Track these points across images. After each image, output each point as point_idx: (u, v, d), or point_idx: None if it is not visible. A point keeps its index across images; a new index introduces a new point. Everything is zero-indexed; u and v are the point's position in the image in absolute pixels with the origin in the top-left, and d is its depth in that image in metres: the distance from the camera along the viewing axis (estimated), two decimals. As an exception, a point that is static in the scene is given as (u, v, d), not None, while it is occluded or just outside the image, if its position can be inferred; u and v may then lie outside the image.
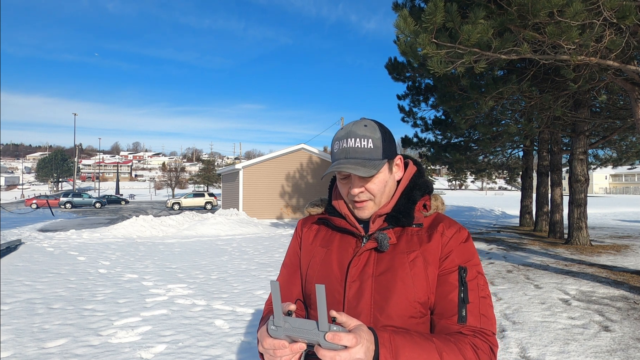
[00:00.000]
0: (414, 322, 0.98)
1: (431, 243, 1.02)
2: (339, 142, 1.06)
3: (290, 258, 1.21)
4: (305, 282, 1.13)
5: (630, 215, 24.19)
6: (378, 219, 1.07)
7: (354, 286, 1.02)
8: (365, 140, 1.03)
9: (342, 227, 1.09)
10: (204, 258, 8.98)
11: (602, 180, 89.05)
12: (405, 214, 1.05)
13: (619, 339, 4.00)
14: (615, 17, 4.86)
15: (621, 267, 7.60)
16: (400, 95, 13.22)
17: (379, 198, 1.05)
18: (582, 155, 10.60)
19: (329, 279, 1.06)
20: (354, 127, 1.05)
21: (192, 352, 3.64)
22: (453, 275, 0.99)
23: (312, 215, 1.23)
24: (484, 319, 0.95)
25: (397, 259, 1.01)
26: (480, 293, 0.98)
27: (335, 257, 1.08)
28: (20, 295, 5.62)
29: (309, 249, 1.15)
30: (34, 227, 16.01)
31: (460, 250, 1.02)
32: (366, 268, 1.03)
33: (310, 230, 1.19)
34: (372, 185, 1.04)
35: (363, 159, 1.02)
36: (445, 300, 0.98)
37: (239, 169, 21.17)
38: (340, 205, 1.12)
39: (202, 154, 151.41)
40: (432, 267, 1.00)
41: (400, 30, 5.48)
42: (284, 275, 1.20)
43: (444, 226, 1.05)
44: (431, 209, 1.10)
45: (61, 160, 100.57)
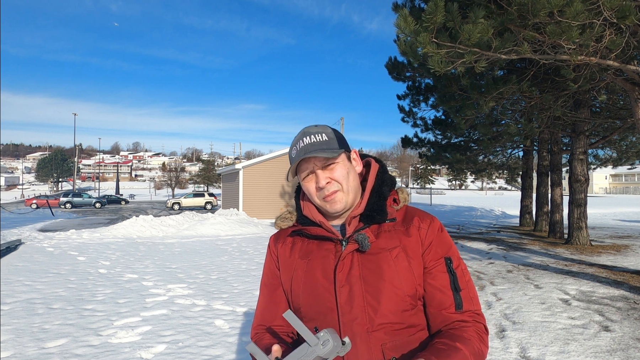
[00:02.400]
0: (407, 314, 1.02)
1: (410, 238, 1.05)
2: (296, 146, 1.09)
3: (269, 277, 1.20)
4: (291, 297, 1.11)
5: (630, 215, 24.19)
6: (353, 220, 1.08)
7: (343, 291, 1.02)
8: (319, 135, 1.07)
9: (319, 234, 1.09)
10: (204, 258, 8.98)
11: (602, 180, 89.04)
12: (379, 211, 1.07)
13: (619, 339, 4.00)
14: (615, 17, 4.86)
15: (621, 267, 7.60)
16: (400, 95, 13.22)
17: (346, 186, 1.06)
18: (582, 155, 10.60)
19: (316, 288, 1.05)
20: (307, 129, 1.10)
21: (192, 352, 3.64)
22: (441, 267, 1.04)
23: (284, 230, 1.20)
24: (475, 301, 1.05)
25: (380, 257, 1.03)
26: (466, 277, 1.06)
27: (318, 266, 1.07)
28: (20, 295, 5.62)
29: (288, 264, 1.13)
30: (34, 227, 16.01)
31: (439, 240, 1.07)
32: (352, 271, 1.03)
33: (285, 245, 1.16)
34: (336, 173, 1.06)
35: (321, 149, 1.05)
36: (440, 292, 1.03)
37: (239, 169, 21.17)
38: (312, 212, 1.12)
39: (202, 154, 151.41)
40: (415, 260, 1.04)
41: (400, 30, 5.48)
42: (265, 295, 1.19)
43: (418, 220, 1.08)
44: (400, 203, 1.12)
45: (61, 160, 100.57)
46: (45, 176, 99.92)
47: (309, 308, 1.06)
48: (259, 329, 1.16)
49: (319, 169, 1.06)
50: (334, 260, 1.05)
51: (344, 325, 1.01)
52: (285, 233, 1.19)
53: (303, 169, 1.08)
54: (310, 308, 1.06)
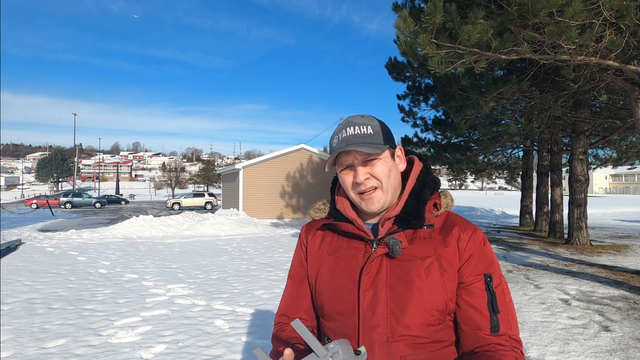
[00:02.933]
0: (433, 329, 0.96)
1: (447, 248, 0.98)
2: (337, 135, 1.03)
3: (296, 269, 1.16)
4: (315, 293, 1.08)
5: (630, 215, 24.19)
6: (387, 222, 1.02)
7: (367, 295, 0.97)
8: (364, 127, 1.01)
9: (350, 232, 1.04)
10: (204, 258, 8.98)
11: (602, 180, 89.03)
12: (416, 216, 1.00)
13: (619, 339, 4.00)
14: (615, 17, 4.86)
15: (621, 267, 7.60)
16: (400, 95, 13.22)
17: (385, 185, 1.00)
18: (582, 155, 10.60)
19: (340, 288, 1.01)
20: (351, 118, 1.04)
21: (192, 352, 3.64)
22: (479, 284, 0.96)
23: (316, 221, 1.17)
24: (513, 324, 0.96)
25: (411, 265, 0.97)
26: (506, 298, 0.97)
27: (344, 264, 1.03)
28: (20, 295, 5.62)
29: (316, 258, 1.10)
30: (34, 227, 16.01)
31: (480, 254, 0.99)
32: (379, 275, 0.98)
33: (315, 237, 1.13)
34: (377, 169, 0.99)
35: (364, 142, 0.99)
36: (475, 311, 0.95)
37: (239, 169, 21.17)
38: (345, 208, 1.08)
39: (202, 154, 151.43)
40: (450, 273, 0.96)
41: (400, 31, 5.48)
42: (290, 287, 1.16)
43: (459, 230, 1.00)
44: (442, 208, 1.05)
45: (61, 160, 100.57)
46: (45, 176, 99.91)
47: (331, 307, 1.02)
48: (282, 319, 1.13)
49: (359, 164, 1.00)
50: (361, 261, 1.01)
51: (364, 331, 0.96)
52: (317, 225, 1.15)
53: (342, 161, 1.02)
54: (332, 307, 1.02)
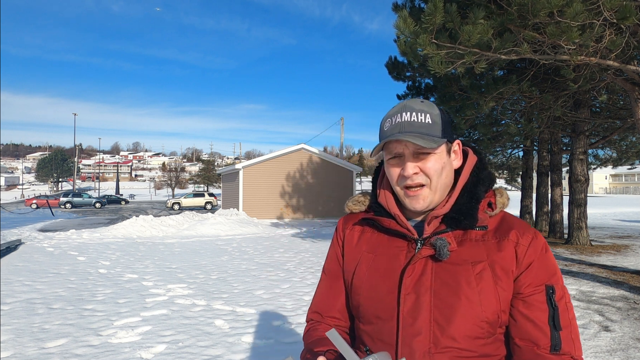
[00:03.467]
0: (481, 342, 0.86)
1: (502, 253, 0.88)
2: (391, 119, 0.92)
3: (331, 264, 1.08)
4: (351, 292, 1.00)
5: (630, 215, 24.19)
6: (434, 221, 0.93)
7: (409, 300, 0.88)
8: (422, 115, 0.90)
9: (392, 228, 0.95)
10: (204, 258, 8.98)
11: (602, 180, 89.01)
12: (468, 215, 0.90)
13: (619, 339, 4.00)
14: (615, 17, 4.86)
15: (621, 267, 7.60)
16: (400, 95, 13.19)
17: (435, 183, 0.91)
18: (582, 155, 10.61)
19: (379, 289, 0.93)
20: (410, 102, 0.93)
21: (192, 352, 3.64)
22: (540, 296, 0.86)
23: (354, 214, 1.08)
24: (577, 344, 0.86)
25: (460, 270, 0.87)
26: (570, 314, 0.87)
27: (384, 263, 0.94)
28: (20, 295, 5.62)
29: (353, 254, 1.02)
30: (34, 227, 16.01)
31: (541, 263, 0.88)
32: (423, 279, 0.89)
33: (353, 232, 1.05)
34: (429, 165, 0.89)
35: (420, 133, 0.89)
36: (534, 326, 0.86)
37: (239, 169, 21.18)
38: (388, 202, 0.98)
39: (202, 154, 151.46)
40: (504, 282, 0.86)
41: (400, 31, 5.48)
42: (325, 283, 1.09)
43: (517, 233, 0.89)
44: (497, 208, 0.94)
45: (61, 160, 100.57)
46: (45, 176, 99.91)
47: (368, 309, 0.94)
48: (315, 317, 1.07)
49: (409, 155, 0.90)
50: (403, 262, 0.92)
51: (403, 339, 0.87)
52: (355, 218, 1.07)
53: (391, 149, 0.93)
54: (369, 309, 0.94)
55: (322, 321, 1.05)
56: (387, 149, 0.94)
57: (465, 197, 0.93)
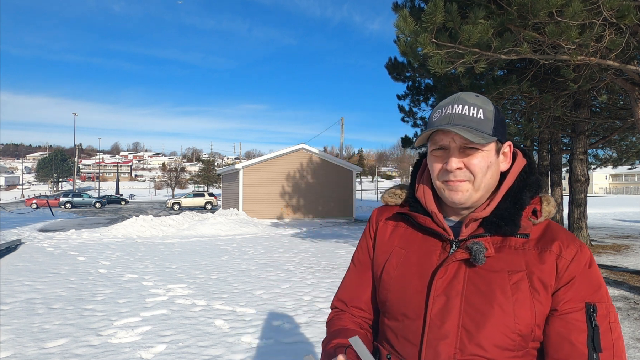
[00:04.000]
0: (510, 354, 0.82)
1: (543, 265, 0.83)
2: (441, 110, 0.89)
3: (361, 255, 1.07)
4: (379, 286, 0.98)
5: (630, 215, 24.19)
6: (473, 223, 0.88)
7: (438, 302, 0.85)
8: (475, 109, 0.87)
9: (427, 226, 0.92)
10: (204, 258, 8.98)
11: (602, 180, 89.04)
12: (509, 221, 0.85)
13: (619, 339, 4.00)
14: (615, 17, 4.86)
15: (621, 267, 7.60)
16: (400, 95, 13.20)
17: (478, 181, 0.86)
18: (582, 155, 10.61)
19: (407, 288, 0.91)
20: (463, 94, 0.90)
21: (192, 352, 3.64)
22: (579, 315, 0.80)
23: (389, 206, 1.05)
24: None
25: (495, 278, 0.83)
26: (614, 335, 0.80)
27: (415, 262, 0.92)
28: (20, 295, 5.62)
29: (385, 247, 1.00)
30: (34, 227, 16.01)
31: (584, 278, 0.82)
32: (454, 282, 0.85)
33: (387, 225, 1.02)
34: (475, 161, 0.85)
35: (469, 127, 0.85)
36: (571, 346, 0.80)
37: (239, 169, 21.18)
38: (426, 198, 0.95)
39: (202, 154, 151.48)
40: (542, 295, 0.82)
41: (400, 31, 5.48)
42: (353, 273, 1.07)
43: (560, 245, 0.84)
44: (542, 216, 0.89)
45: (61, 160, 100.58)
46: (45, 176, 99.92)
47: (395, 306, 0.92)
48: (340, 305, 1.06)
49: (455, 149, 0.87)
50: (436, 262, 0.89)
51: (429, 340, 0.85)
52: (390, 211, 1.04)
53: (437, 139, 0.89)
54: (395, 306, 0.92)
55: (347, 310, 1.05)
56: (432, 140, 0.91)
57: (509, 201, 0.88)
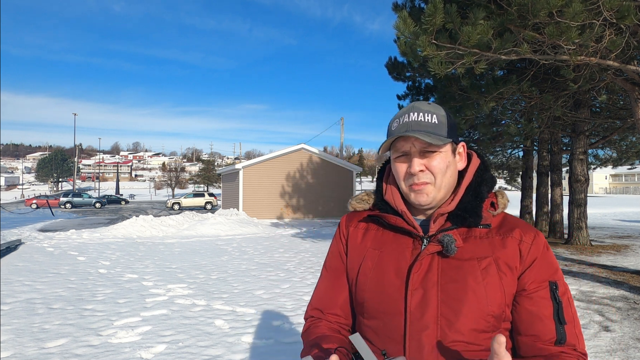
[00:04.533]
0: (487, 336, 0.88)
1: (506, 250, 0.91)
2: (399, 119, 0.96)
3: (334, 261, 1.09)
4: (355, 288, 1.01)
5: (630, 215, 24.19)
6: (440, 218, 0.95)
7: (416, 295, 0.90)
8: (429, 115, 0.95)
9: (398, 225, 0.97)
10: (204, 258, 8.98)
11: (602, 180, 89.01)
12: (472, 213, 0.93)
13: (619, 339, 4.01)
14: (615, 17, 4.86)
15: (621, 267, 7.60)
16: (400, 95, 13.20)
17: (439, 180, 0.94)
18: (582, 155, 10.61)
19: (385, 286, 0.95)
20: (417, 103, 0.98)
21: (192, 352, 3.64)
22: (544, 292, 0.89)
23: (358, 212, 1.09)
24: (580, 338, 0.89)
25: (466, 265, 0.90)
26: (572, 309, 0.91)
27: (391, 260, 0.96)
28: (20, 295, 5.62)
29: (358, 250, 1.03)
30: (34, 227, 16.01)
31: (544, 260, 0.92)
32: (429, 275, 0.91)
33: (358, 229, 1.06)
34: (434, 163, 0.93)
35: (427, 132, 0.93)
36: (539, 321, 0.88)
37: (239, 169, 21.17)
38: (395, 199, 1.00)
39: (202, 154, 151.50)
40: (509, 277, 0.89)
41: (400, 32, 5.49)
42: (326, 279, 1.09)
43: (520, 232, 0.93)
44: (499, 208, 0.99)
45: (61, 160, 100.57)
46: (45, 176, 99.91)
47: (374, 305, 0.96)
48: (315, 313, 1.07)
49: (416, 153, 0.94)
50: (410, 258, 0.94)
51: (411, 333, 0.89)
52: (359, 216, 1.08)
53: (398, 147, 0.96)
54: (374, 305, 0.96)
55: (324, 318, 1.05)
56: (394, 147, 0.97)
57: (470, 195, 0.96)
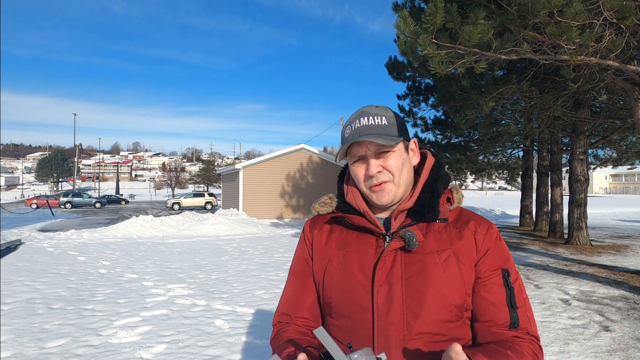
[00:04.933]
0: (451, 326, 0.92)
1: (463, 241, 0.96)
2: (350, 125, 0.99)
3: (299, 265, 1.11)
4: (322, 289, 1.03)
5: (630, 215, 24.19)
6: (400, 215, 0.99)
7: (382, 291, 0.93)
8: (378, 118, 0.98)
9: (361, 225, 1.00)
10: (204, 258, 8.98)
11: (602, 180, 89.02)
12: (430, 208, 0.97)
13: (619, 339, 4.00)
14: (615, 17, 4.86)
15: (621, 267, 7.60)
16: (400, 95, 13.21)
17: (397, 178, 0.97)
18: (582, 155, 10.60)
19: (352, 284, 0.97)
20: (365, 108, 1.01)
21: (192, 352, 3.64)
22: (498, 279, 0.94)
23: (322, 215, 1.12)
24: (532, 321, 0.94)
25: (428, 259, 0.94)
26: (524, 294, 0.96)
27: (356, 259, 0.99)
28: (20, 295, 5.62)
29: (323, 252, 1.05)
30: (34, 227, 16.01)
31: (497, 249, 0.97)
32: (393, 270, 0.94)
33: (322, 232, 1.08)
34: (390, 162, 0.97)
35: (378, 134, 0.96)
36: (493, 307, 0.93)
37: (239, 169, 21.17)
38: (356, 199, 1.03)
39: (202, 154, 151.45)
40: (467, 267, 0.94)
41: (400, 31, 5.48)
42: (293, 284, 1.10)
43: (475, 224, 0.98)
44: (454, 203, 1.03)
45: (61, 160, 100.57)
46: (45, 176, 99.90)
47: (341, 304, 0.98)
48: (283, 318, 1.08)
49: (371, 156, 0.97)
50: (374, 256, 0.97)
51: (379, 329, 0.92)
52: (323, 219, 1.10)
53: (354, 152, 0.99)
54: (342, 304, 0.98)
55: (292, 322, 1.06)
56: (350, 153, 1.00)
57: (427, 192, 1.00)
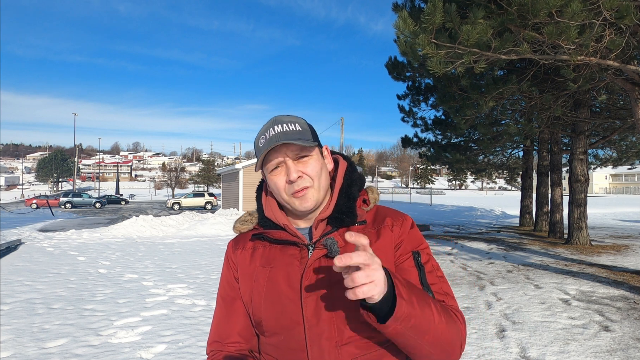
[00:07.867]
0: None
1: (382, 239, 0.98)
2: (265, 134, 0.98)
3: (225, 289, 1.08)
4: (252, 310, 1.00)
5: (630, 215, 24.19)
6: (320, 224, 1.00)
7: (310, 303, 0.92)
8: (292, 124, 0.98)
9: (283, 239, 0.99)
10: (204, 258, 8.98)
11: (602, 180, 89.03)
12: (348, 213, 0.99)
13: (619, 339, 4.00)
14: (614, 17, 4.86)
15: (621, 267, 7.60)
16: (400, 95, 13.22)
17: (317, 182, 0.97)
18: (582, 155, 10.60)
19: (280, 300, 0.95)
20: (278, 117, 1.01)
21: (192, 352, 3.64)
22: (408, 262, 0.97)
23: (243, 234, 1.09)
24: (449, 297, 0.96)
25: None
26: (438, 273, 0.99)
27: (281, 274, 0.97)
28: (20, 295, 5.62)
29: (248, 272, 1.02)
30: (34, 227, 16.01)
31: (410, 237, 1.00)
32: (319, 280, 0.93)
33: (245, 251, 1.05)
34: (309, 168, 0.96)
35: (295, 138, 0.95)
36: None
37: (239, 169, 21.18)
38: (275, 214, 1.03)
39: (202, 154, 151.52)
40: (389, 263, 0.96)
41: (399, 31, 5.49)
42: (221, 309, 1.07)
43: (391, 219, 1.01)
44: (371, 203, 1.05)
45: (61, 160, 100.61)
46: (45, 176, 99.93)
47: (272, 321, 0.96)
48: (215, 346, 1.05)
49: (290, 162, 0.96)
50: (299, 268, 0.95)
51: (311, 340, 0.92)
52: (246, 237, 1.08)
53: (272, 159, 0.97)
54: (273, 322, 0.96)
55: (223, 349, 1.04)
56: (267, 161, 0.98)
57: (344, 197, 1.01)
